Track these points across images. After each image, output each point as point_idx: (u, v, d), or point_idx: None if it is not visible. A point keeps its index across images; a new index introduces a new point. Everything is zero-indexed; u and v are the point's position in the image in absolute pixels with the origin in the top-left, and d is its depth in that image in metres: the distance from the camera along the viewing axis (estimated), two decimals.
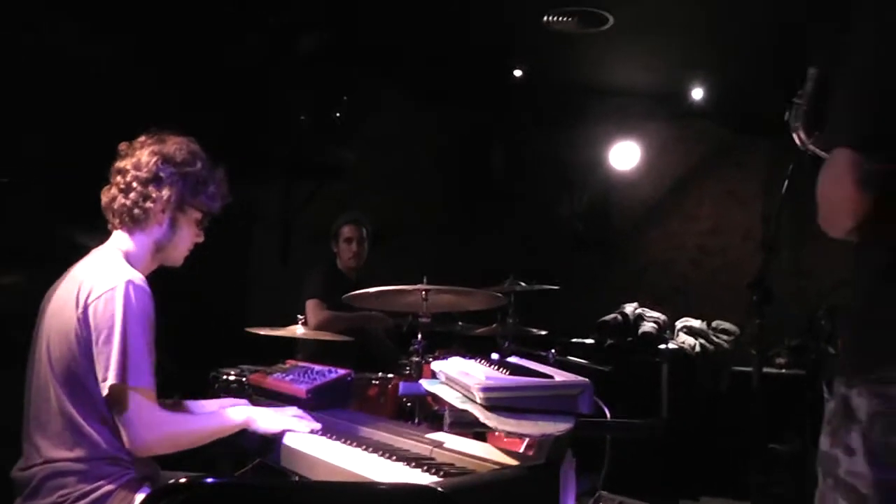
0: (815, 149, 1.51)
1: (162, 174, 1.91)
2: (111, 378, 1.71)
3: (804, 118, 1.51)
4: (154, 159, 1.91)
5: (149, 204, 1.91)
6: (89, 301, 1.76)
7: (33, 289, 1.98)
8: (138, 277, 1.82)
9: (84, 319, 1.76)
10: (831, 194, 1.21)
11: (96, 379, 1.74)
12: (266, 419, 1.97)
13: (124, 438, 1.75)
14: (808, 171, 1.37)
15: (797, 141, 1.56)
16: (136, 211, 1.91)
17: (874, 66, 1.20)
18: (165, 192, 1.91)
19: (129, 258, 1.92)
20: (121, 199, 1.91)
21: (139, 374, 1.74)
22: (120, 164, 1.95)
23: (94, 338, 1.74)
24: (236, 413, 1.98)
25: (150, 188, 1.91)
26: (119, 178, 1.93)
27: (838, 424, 1.23)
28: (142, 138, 1.97)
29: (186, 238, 2.00)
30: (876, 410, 1.16)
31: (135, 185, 1.90)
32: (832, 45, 1.34)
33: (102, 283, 1.78)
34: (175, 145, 1.95)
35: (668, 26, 4.14)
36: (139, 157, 1.92)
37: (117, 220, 1.95)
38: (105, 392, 1.72)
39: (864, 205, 1.16)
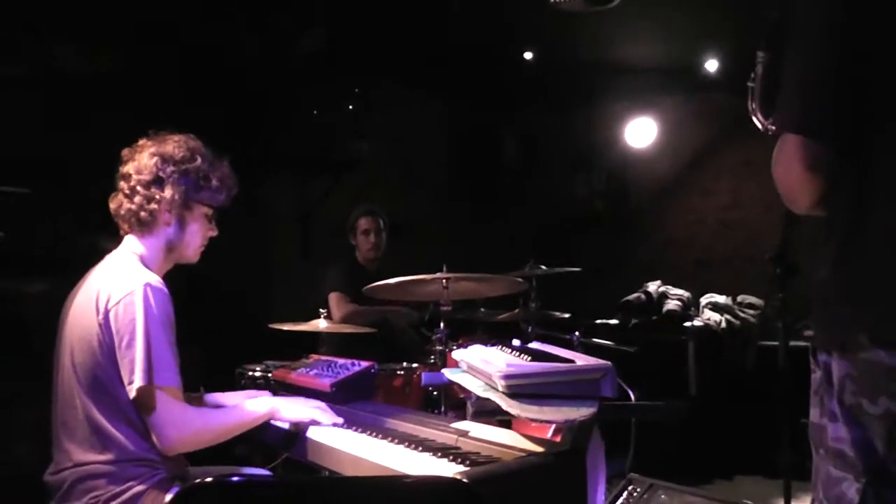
0: (774, 130, 1.51)
1: (162, 174, 1.91)
2: (138, 380, 1.72)
3: (759, 101, 1.52)
4: (154, 160, 1.91)
5: (153, 206, 1.91)
6: (109, 307, 1.77)
7: (59, 296, 1.99)
8: (155, 279, 1.83)
9: (105, 325, 1.77)
10: (785, 178, 1.28)
11: (121, 383, 1.75)
12: (290, 409, 1.99)
13: (155, 438, 1.76)
14: None
15: (757, 124, 1.57)
16: (143, 214, 1.91)
17: (819, 50, 1.22)
18: (168, 192, 1.91)
19: (143, 261, 1.92)
20: (126, 204, 1.92)
21: (165, 373, 1.75)
22: (124, 169, 1.95)
23: (116, 342, 1.76)
24: (261, 403, 2.01)
25: (153, 190, 1.91)
26: (123, 184, 1.94)
27: (823, 393, 1.26)
28: (142, 141, 1.97)
29: (197, 235, 1.99)
30: (845, 373, 1.20)
31: (138, 188, 1.91)
32: (781, 28, 1.35)
33: (121, 288, 1.79)
34: (174, 144, 1.95)
35: None
36: (139, 161, 1.93)
37: (126, 225, 1.96)
38: (133, 394, 1.73)
39: (817, 186, 1.23)
